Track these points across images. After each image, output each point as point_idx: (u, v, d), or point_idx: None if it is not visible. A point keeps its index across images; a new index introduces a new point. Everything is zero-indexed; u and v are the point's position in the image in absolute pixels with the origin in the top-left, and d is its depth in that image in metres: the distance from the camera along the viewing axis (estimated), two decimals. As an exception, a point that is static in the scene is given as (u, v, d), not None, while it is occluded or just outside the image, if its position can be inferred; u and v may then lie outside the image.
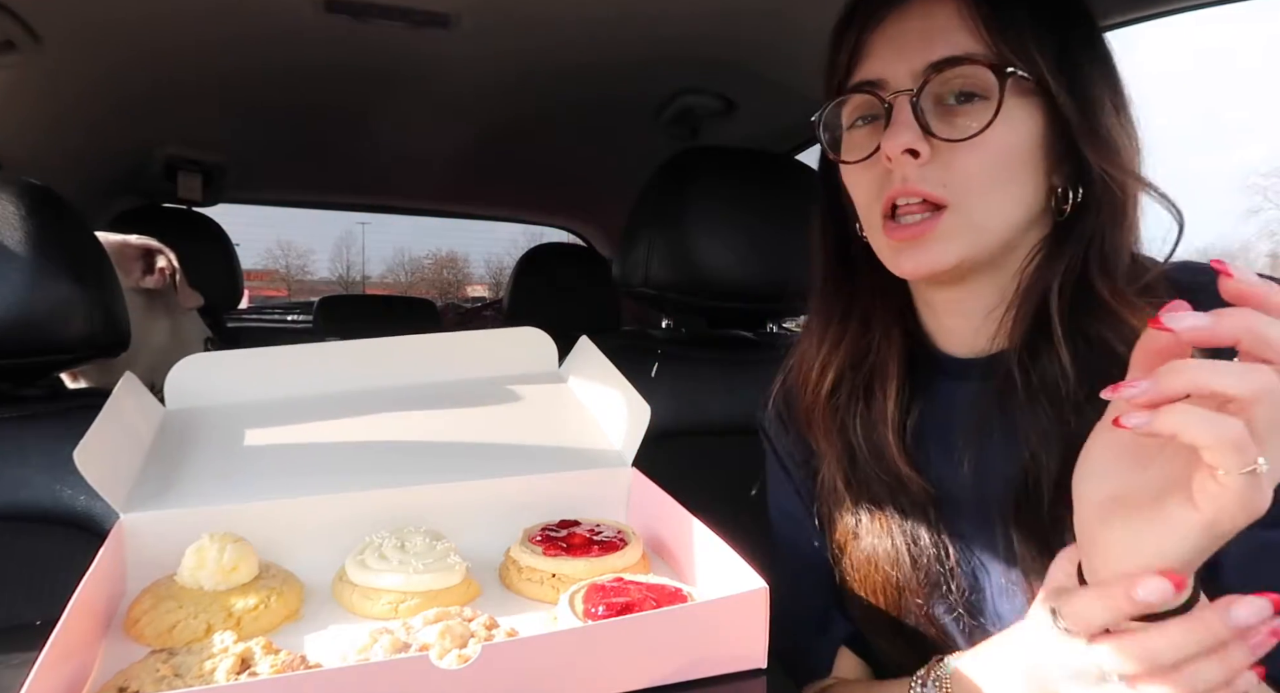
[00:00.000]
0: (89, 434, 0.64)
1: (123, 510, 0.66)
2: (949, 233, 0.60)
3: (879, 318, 0.72)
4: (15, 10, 0.84)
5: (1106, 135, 0.60)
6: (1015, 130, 0.59)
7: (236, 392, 0.83)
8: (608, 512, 0.78)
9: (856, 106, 0.66)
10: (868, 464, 0.70)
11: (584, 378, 0.87)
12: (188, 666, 0.50)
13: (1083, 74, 0.60)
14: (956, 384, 0.68)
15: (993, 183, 0.60)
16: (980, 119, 0.58)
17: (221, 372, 0.84)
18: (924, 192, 0.60)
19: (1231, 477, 0.39)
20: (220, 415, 0.81)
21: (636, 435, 0.78)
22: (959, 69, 0.59)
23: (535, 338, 0.91)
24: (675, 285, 1.12)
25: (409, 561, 0.64)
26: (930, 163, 0.59)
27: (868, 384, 0.71)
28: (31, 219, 0.86)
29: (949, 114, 0.60)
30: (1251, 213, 16.03)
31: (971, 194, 0.60)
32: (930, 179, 0.60)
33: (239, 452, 0.76)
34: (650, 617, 0.53)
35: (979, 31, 0.59)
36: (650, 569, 0.69)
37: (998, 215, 0.61)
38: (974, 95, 0.59)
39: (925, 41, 0.60)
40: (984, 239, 0.61)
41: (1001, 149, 0.59)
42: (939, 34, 0.60)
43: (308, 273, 28.83)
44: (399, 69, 1.13)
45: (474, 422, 0.83)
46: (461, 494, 0.75)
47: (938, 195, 0.60)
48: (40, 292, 0.86)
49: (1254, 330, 0.39)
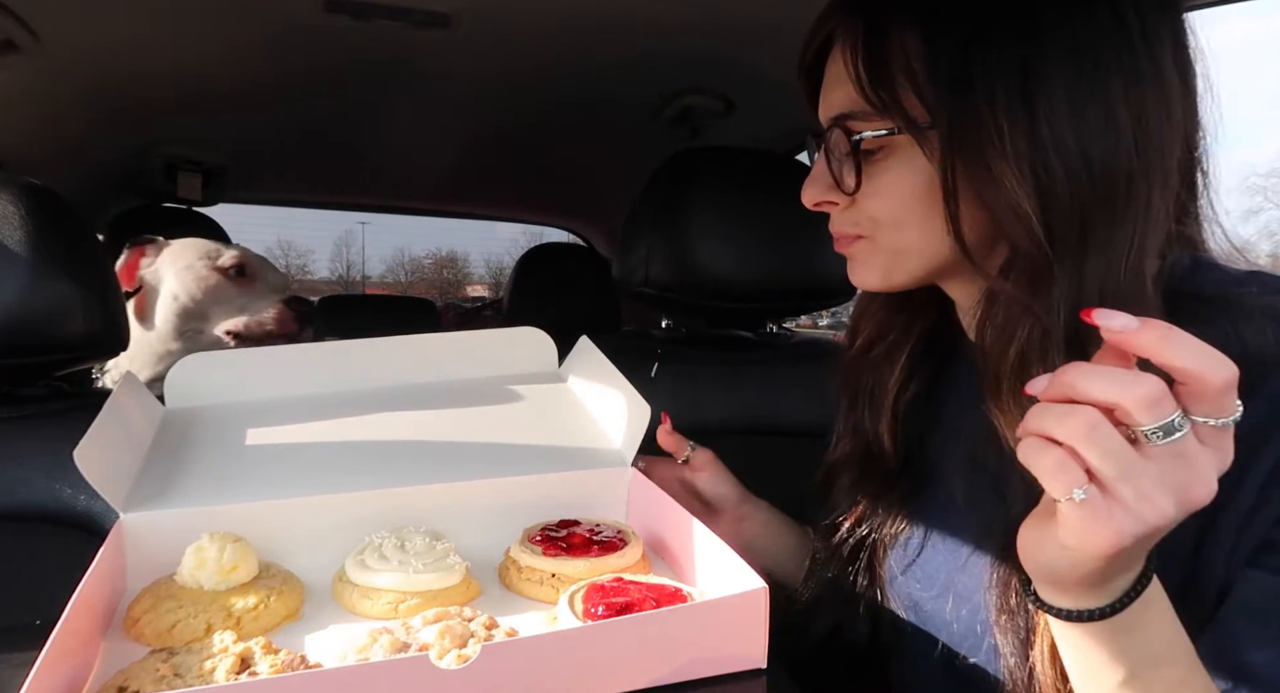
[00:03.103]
0: (88, 434, 0.64)
1: (122, 510, 0.66)
2: (863, 256, 0.65)
3: (918, 299, 0.73)
4: (15, 10, 0.84)
5: (998, 176, 0.54)
6: (906, 177, 0.60)
7: (236, 391, 0.83)
8: (608, 512, 0.78)
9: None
10: (862, 423, 0.75)
11: (584, 378, 0.87)
12: (187, 665, 0.50)
13: (965, 113, 0.55)
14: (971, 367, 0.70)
15: (897, 222, 0.62)
16: (874, 170, 0.61)
17: (221, 371, 0.84)
18: (840, 231, 0.66)
19: (1062, 504, 0.41)
20: (220, 415, 0.81)
21: (636, 435, 0.78)
22: (847, 124, 0.61)
23: (535, 338, 0.92)
24: (675, 285, 1.12)
25: (409, 560, 0.64)
26: (844, 209, 0.64)
27: (887, 353, 0.75)
28: (31, 219, 0.86)
29: (849, 162, 0.62)
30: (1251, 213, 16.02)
31: (880, 229, 0.63)
32: (843, 221, 0.65)
33: (239, 452, 0.76)
34: (650, 617, 0.53)
35: (860, 86, 0.59)
36: (650, 569, 0.69)
37: (912, 244, 0.62)
38: (863, 148, 0.60)
39: (827, 95, 0.64)
40: (908, 263, 0.63)
41: (896, 195, 0.60)
42: (832, 87, 0.63)
43: (308, 272, 28.82)
44: (399, 69, 1.13)
45: (474, 421, 0.83)
46: (461, 494, 0.75)
47: (849, 233, 0.65)
48: (40, 292, 0.86)
49: (1162, 349, 0.39)
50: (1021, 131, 0.53)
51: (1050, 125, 0.52)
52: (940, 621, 0.66)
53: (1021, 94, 0.53)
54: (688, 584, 0.61)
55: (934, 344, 0.74)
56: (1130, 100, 0.52)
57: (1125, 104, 0.52)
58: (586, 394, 0.86)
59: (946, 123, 0.56)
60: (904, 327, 0.75)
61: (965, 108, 0.55)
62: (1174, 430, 0.39)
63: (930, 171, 0.58)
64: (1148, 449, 0.40)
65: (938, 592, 0.66)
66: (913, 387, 0.74)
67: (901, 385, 0.74)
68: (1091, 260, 0.52)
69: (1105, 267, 0.52)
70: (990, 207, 0.55)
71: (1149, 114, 0.53)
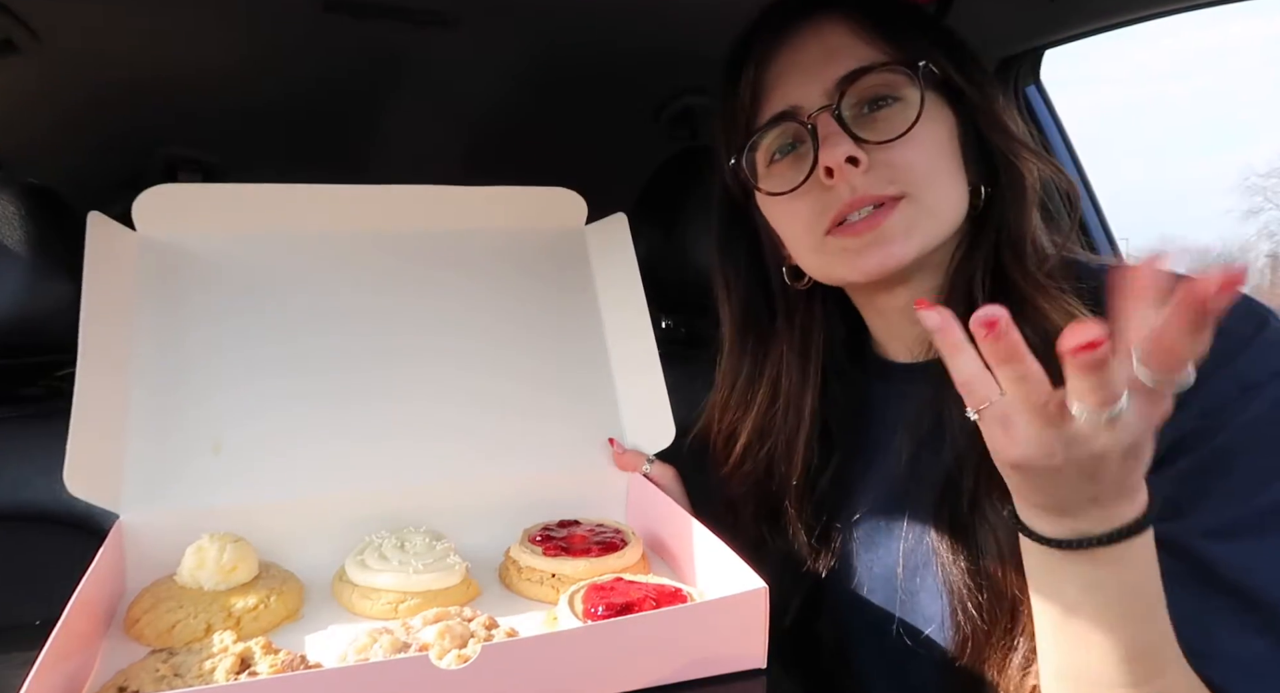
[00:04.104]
0: (70, 449, 0.63)
1: (122, 512, 0.66)
2: (907, 221, 0.60)
3: (789, 375, 0.72)
4: (15, 10, 0.84)
5: (1003, 120, 0.63)
6: (937, 125, 0.61)
7: (220, 226, 0.79)
8: (608, 512, 0.78)
9: (774, 140, 0.65)
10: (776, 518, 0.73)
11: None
12: (187, 665, 0.50)
13: (972, 69, 0.63)
14: (901, 388, 0.68)
15: (936, 172, 0.61)
16: (905, 118, 0.59)
17: (202, 204, 0.79)
18: (875, 195, 0.59)
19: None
20: (204, 251, 0.77)
21: (650, 446, 0.79)
22: (871, 77, 0.60)
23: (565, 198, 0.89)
24: (675, 285, 1.12)
25: (409, 560, 0.64)
26: (870, 169, 0.59)
27: (771, 459, 0.72)
28: (31, 219, 0.86)
29: (871, 121, 0.61)
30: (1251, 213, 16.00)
31: (920, 183, 0.60)
32: (876, 182, 0.59)
33: (228, 307, 0.76)
34: (650, 617, 0.53)
35: (877, 42, 0.61)
36: (650, 569, 0.69)
37: (946, 201, 0.61)
38: (889, 97, 0.61)
39: (829, 60, 0.61)
40: (938, 227, 0.61)
41: (931, 142, 0.61)
42: (841, 51, 0.61)
43: (308, 273, 28.77)
44: (398, 69, 1.13)
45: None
46: (461, 494, 0.75)
47: (889, 192, 0.59)
48: (40, 292, 0.86)
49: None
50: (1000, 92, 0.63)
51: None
52: (894, 587, 0.65)
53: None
54: (688, 584, 0.62)
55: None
56: None
57: None
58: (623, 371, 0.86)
59: (966, 73, 0.61)
60: (790, 414, 0.71)
61: (971, 64, 0.62)
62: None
63: (949, 123, 0.62)
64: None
65: (888, 560, 0.65)
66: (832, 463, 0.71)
67: (808, 485, 0.71)
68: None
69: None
70: (1000, 150, 0.61)
71: None
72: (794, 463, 0.71)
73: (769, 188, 0.65)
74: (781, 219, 0.67)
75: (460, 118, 1.36)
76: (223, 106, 1.20)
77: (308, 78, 1.13)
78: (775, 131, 0.64)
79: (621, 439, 0.81)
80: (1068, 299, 0.56)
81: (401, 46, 1.06)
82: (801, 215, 0.63)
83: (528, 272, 0.86)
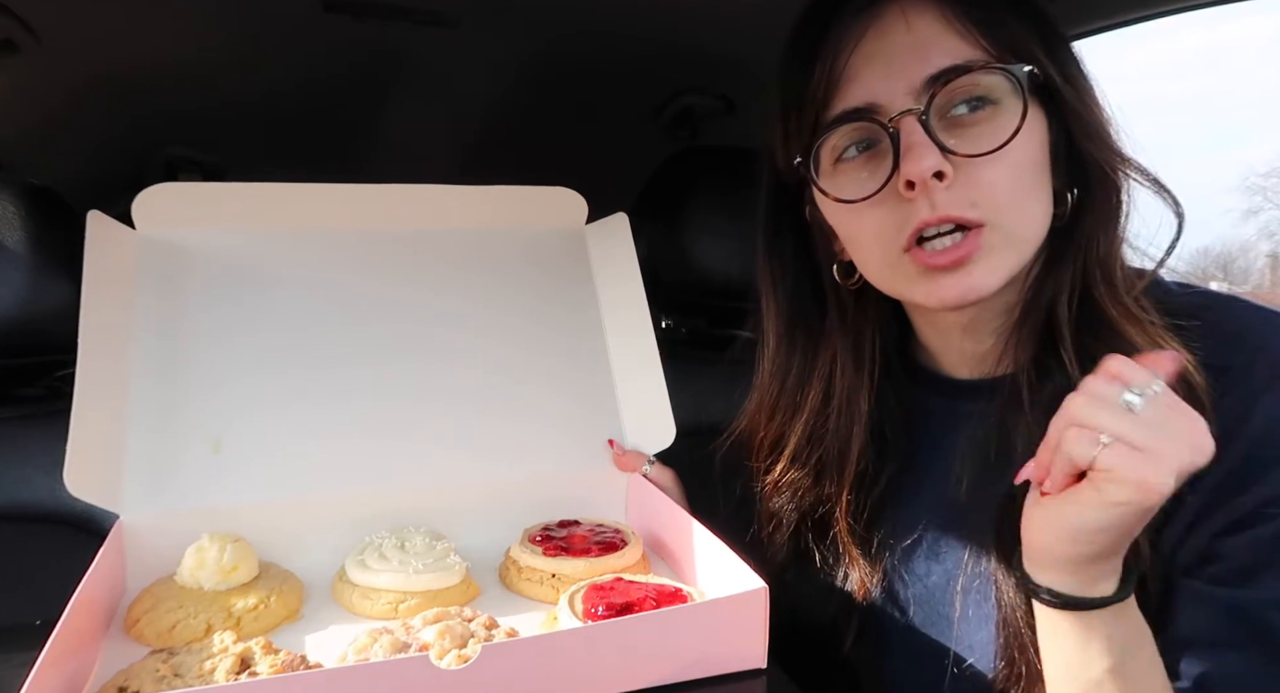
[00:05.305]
0: (70, 449, 0.63)
1: (122, 512, 0.66)
2: (991, 252, 0.55)
3: (843, 376, 0.67)
4: (15, 10, 0.84)
5: (1103, 128, 0.57)
6: (1032, 134, 0.55)
7: (220, 225, 0.79)
8: (608, 512, 0.78)
9: (844, 137, 0.58)
10: (817, 540, 0.69)
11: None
12: (187, 665, 0.50)
13: (1072, 67, 0.57)
14: (957, 404, 0.65)
15: (1021, 194, 0.55)
16: (998, 126, 0.53)
17: (201, 203, 0.79)
18: (956, 216, 0.54)
19: (1099, 454, 0.45)
20: (204, 250, 0.77)
21: (650, 447, 0.79)
22: (966, 78, 0.53)
23: (565, 197, 0.89)
24: (675, 285, 1.12)
25: (409, 560, 0.64)
26: (954, 184, 0.53)
27: (820, 467, 0.68)
28: (31, 219, 0.86)
29: (960, 127, 0.54)
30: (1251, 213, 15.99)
31: (1003, 209, 0.54)
32: (958, 201, 0.54)
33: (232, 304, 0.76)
34: (650, 617, 0.53)
35: (973, 36, 0.54)
36: (650, 569, 0.69)
37: (1031, 226, 0.56)
38: (984, 102, 0.54)
39: (918, 55, 0.54)
40: (1021, 255, 0.56)
41: (1024, 158, 0.54)
42: (932, 44, 0.54)
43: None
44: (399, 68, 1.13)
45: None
46: (462, 494, 0.75)
47: (971, 217, 0.54)
48: (40, 292, 0.86)
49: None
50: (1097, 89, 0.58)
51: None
52: (941, 613, 0.64)
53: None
54: (688, 584, 0.61)
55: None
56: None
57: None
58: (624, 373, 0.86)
59: (1065, 72, 0.56)
60: (843, 419, 0.67)
61: (1070, 60, 0.57)
62: (1144, 395, 0.44)
63: (1044, 130, 0.56)
64: (1139, 413, 0.44)
65: (937, 583, 0.64)
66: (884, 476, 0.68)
67: (863, 490, 0.67)
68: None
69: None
70: (1093, 158, 0.56)
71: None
72: (846, 472, 0.66)
73: (836, 193, 0.59)
74: (847, 225, 0.61)
75: (460, 117, 1.36)
76: (223, 106, 1.20)
77: (308, 78, 1.13)
78: (848, 129, 0.57)
79: (622, 440, 0.81)
80: (1159, 332, 0.53)
81: (401, 46, 1.06)
82: (871, 226, 0.58)
83: (528, 271, 0.86)
